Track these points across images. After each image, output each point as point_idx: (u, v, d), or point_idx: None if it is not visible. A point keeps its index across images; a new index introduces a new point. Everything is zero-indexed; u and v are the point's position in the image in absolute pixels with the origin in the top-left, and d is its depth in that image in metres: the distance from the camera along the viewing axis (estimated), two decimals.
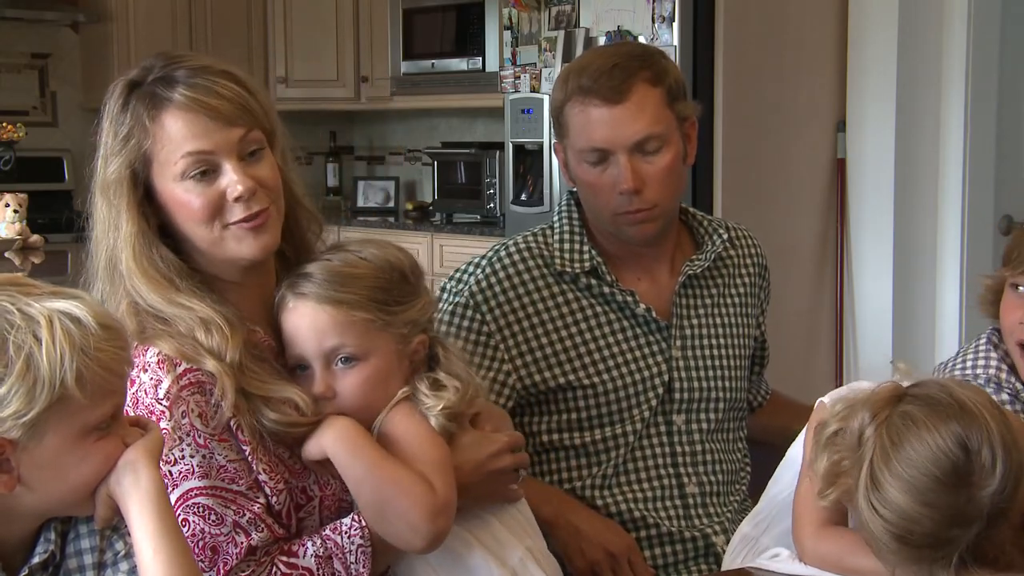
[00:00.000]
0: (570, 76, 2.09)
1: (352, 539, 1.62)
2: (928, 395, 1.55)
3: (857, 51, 4.25)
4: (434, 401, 1.66)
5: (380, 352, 1.67)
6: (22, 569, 1.42)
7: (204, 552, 1.57)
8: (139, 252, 1.64)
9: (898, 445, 1.52)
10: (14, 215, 4.61)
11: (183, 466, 1.57)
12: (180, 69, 1.64)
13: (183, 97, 1.62)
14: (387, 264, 1.69)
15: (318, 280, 1.66)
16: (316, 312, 1.65)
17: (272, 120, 1.70)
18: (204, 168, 1.63)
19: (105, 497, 1.41)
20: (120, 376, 1.39)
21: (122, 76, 1.68)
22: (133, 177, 1.65)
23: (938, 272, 4.25)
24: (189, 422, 1.58)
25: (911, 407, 1.54)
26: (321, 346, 1.66)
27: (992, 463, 1.48)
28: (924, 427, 1.51)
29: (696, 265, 2.18)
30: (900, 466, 1.50)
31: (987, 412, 1.52)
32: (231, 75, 1.66)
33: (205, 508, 1.57)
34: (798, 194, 4.31)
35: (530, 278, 2.14)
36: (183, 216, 1.65)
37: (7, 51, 6.33)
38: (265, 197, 1.66)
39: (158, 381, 1.58)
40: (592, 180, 2.09)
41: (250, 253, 1.66)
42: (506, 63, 4.69)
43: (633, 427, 2.12)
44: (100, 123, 1.68)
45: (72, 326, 1.34)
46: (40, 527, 1.45)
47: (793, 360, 4.09)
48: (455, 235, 5.50)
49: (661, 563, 2.10)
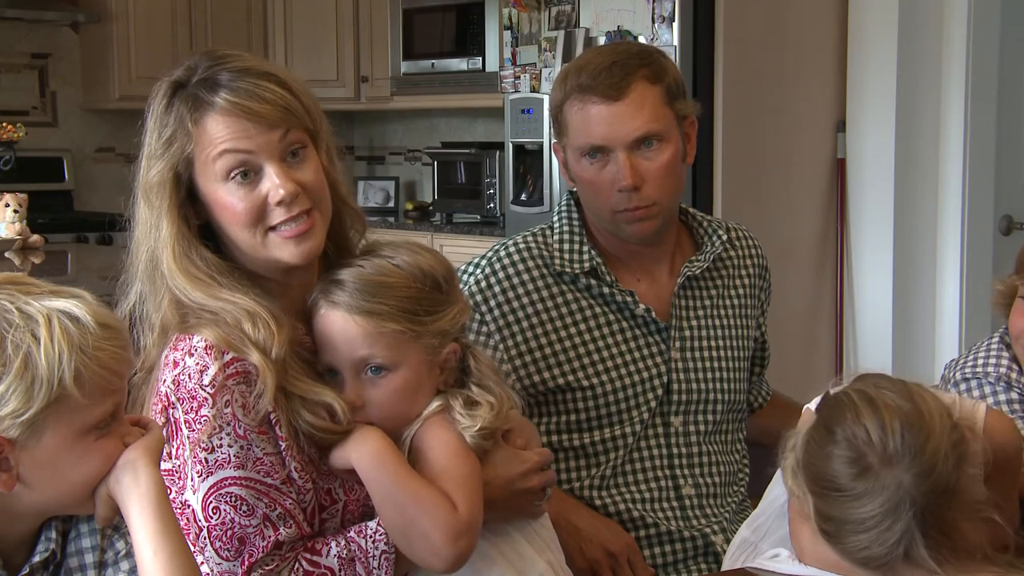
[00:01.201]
0: (569, 75, 2.10)
1: (376, 544, 1.61)
2: (818, 415, 1.54)
3: (857, 51, 4.25)
4: (469, 421, 1.66)
5: (410, 362, 1.66)
6: (23, 568, 1.42)
7: (231, 542, 1.57)
8: (179, 254, 1.64)
9: (815, 472, 1.51)
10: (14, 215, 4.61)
11: (220, 454, 1.57)
12: (223, 71, 1.64)
13: (225, 101, 1.61)
14: (420, 272, 1.68)
15: (350, 289, 1.65)
16: (346, 321, 1.64)
17: (316, 120, 1.69)
18: (245, 169, 1.62)
19: (105, 496, 1.40)
20: (119, 375, 1.39)
21: (167, 75, 1.69)
22: (176, 180, 1.65)
23: (938, 272, 4.25)
24: (232, 411, 1.58)
25: (807, 435, 1.54)
26: (351, 355, 1.65)
27: (868, 438, 1.44)
28: (818, 445, 1.50)
29: (695, 266, 2.18)
30: (825, 491, 1.49)
31: (858, 396, 1.49)
32: (274, 77, 1.66)
33: (237, 498, 1.58)
34: (798, 194, 4.31)
35: (529, 278, 2.13)
36: (226, 218, 1.65)
37: (7, 51, 6.33)
38: (307, 199, 1.65)
39: (204, 367, 1.58)
40: (591, 178, 2.09)
41: (292, 259, 1.66)
42: (506, 63, 4.69)
43: (632, 428, 2.12)
44: (144, 122, 1.68)
45: (71, 325, 1.34)
46: (41, 526, 1.45)
47: (793, 360, 4.09)
48: (455, 235, 5.50)
49: (660, 562, 2.10)
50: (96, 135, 6.64)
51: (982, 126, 4.18)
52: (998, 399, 1.93)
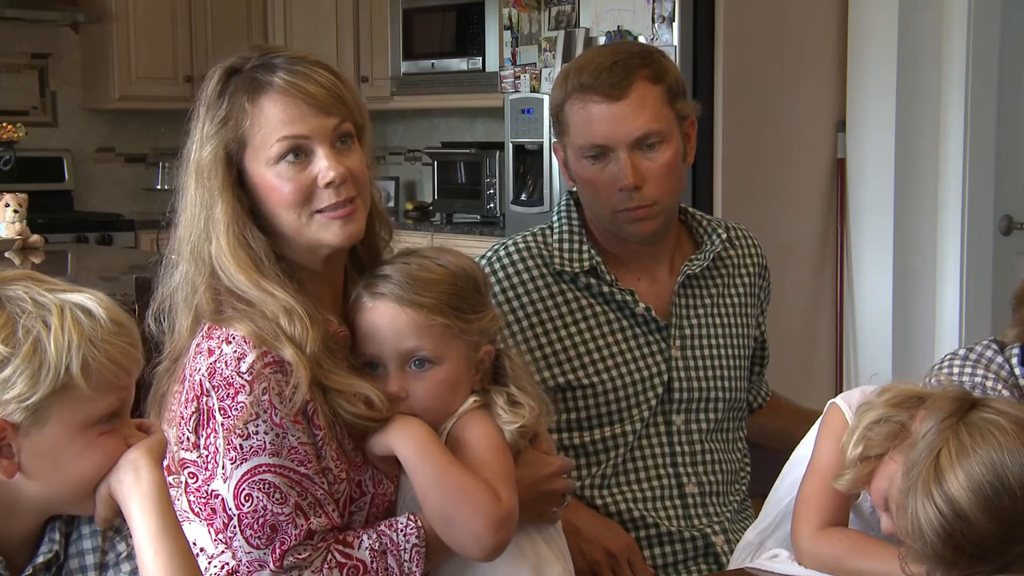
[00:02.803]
0: (570, 74, 2.10)
1: (408, 538, 1.63)
2: (1012, 412, 1.53)
3: (857, 51, 4.25)
4: (511, 417, 1.69)
5: (453, 358, 1.69)
6: (26, 568, 1.42)
7: (263, 529, 1.58)
8: (232, 232, 1.65)
9: (978, 445, 1.49)
10: (14, 215, 4.61)
11: (255, 441, 1.58)
12: (278, 57, 1.68)
13: (283, 81, 1.64)
14: (463, 272, 1.72)
15: (397, 281, 1.67)
16: (396, 313, 1.66)
17: (364, 116, 1.73)
18: (297, 152, 1.65)
19: (106, 496, 1.41)
20: (127, 372, 1.39)
21: (219, 64, 1.71)
22: (228, 159, 1.66)
23: (938, 272, 4.25)
24: (268, 399, 1.58)
25: (994, 416, 1.52)
26: (399, 347, 1.67)
27: None
28: (1010, 438, 1.49)
29: (695, 265, 2.18)
30: (975, 465, 1.47)
31: None
32: (327, 67, 1.70)
33: (271, 486, 1.58)
34: (798, 194, 4.31)
35: (529, 278, 2.14)
36: (273, 200, 1.66)
37: (7, 51, 6.33)
38: (353, 187, 1.67)
39: (242, 355, 1.59)
40: (592, 177, 2.09)
41: (335, 239, 1.67)
42: (506, 63, 4.69)
43: (632, 427, 2.12)
44: (196, 109, 1.70)
45: (83, 316, 1.35)
46: (44, 527, 1.45)
47: (793, 360, 4.09)
48: (455, 235, 5.50)
49: (660, 563, 2.10)
50: (96, 135, 6.64)
51: (982, 126, 4.18)
52: None
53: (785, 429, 2.26)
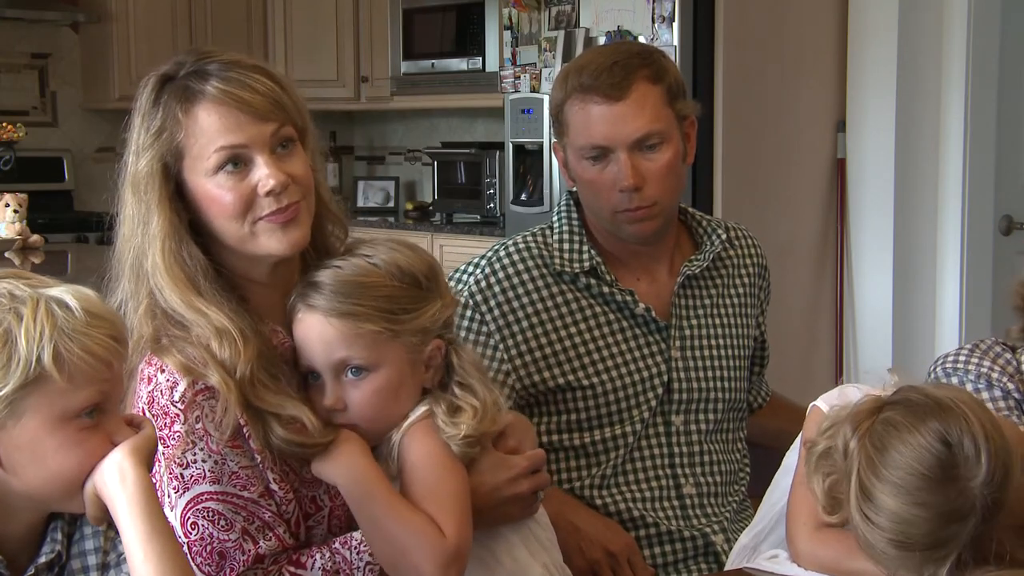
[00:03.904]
0: (570, 74, 2.10)
1: (361, 555, 1.59)
2: (906, 399, 1.56)
3: (857, 51, 4.25)
4: (453, 429, 1.62)
5: (390, 362, 1.64)
6: (28, 568, 1.42)
7: (211, 557, 1.56)
8: (168, 248, 1.61)
9: (882, 451, 1.52)
10: (14, 215, 4.61)
11: (195, 470, 1.56)
12: (212, 63, 1.63)
13: (216, 90, 1.60)
14: (398, 270, 1.65)
15: (327, 291, 1.63)
16: (323, 325, 1.62)
17: (304, 118, 1.68)
18: (236, 161, 1.61)
19: (93, 495, 1.40)
20: (106, 364, 1.38)
21: (153, 71, 1.66)
22: (165, 171, 1.63)
23: (938, 272, 4.25)
24: (203, 427, 1.57)
25: (890, 413, 1.55)
26: (329, 358, 1.63)
27: (976, 453, 1.48)
28: (904, 429, 1.51)
29: (695, 265, 2.18)
30: (887, 471, 1.50)
31: (965, 406, 1.52)
32: (263, 70, 1.65)
33: (215, 513, 1.56)
34: (798, 194, 4.31)
35: (529, 278, 2.14)
36: (214, 211, 1.63)
37: (7, 51, 6.33)
38: (297, 192, 1.63)
39: (174, 384, 1.57)
40: (592, 178, 2.09)
41: (279, 248, 1.63)
42: (506, 63, 4.69)
43: (632, 427, 2.12)
44: (131, 118, 1.67)
45: (57, 309, 1.35)
46: (46, 526, 1.44)
47: (793, 360, 4.09)
48: (455, 235, 5.50)
49: (660, 562, 2.10)
50: (96, 135, 6.64)
51: (982, 126, 4.18)
52: (981, 397, 1.92)
53: (785, 429, 2.25)
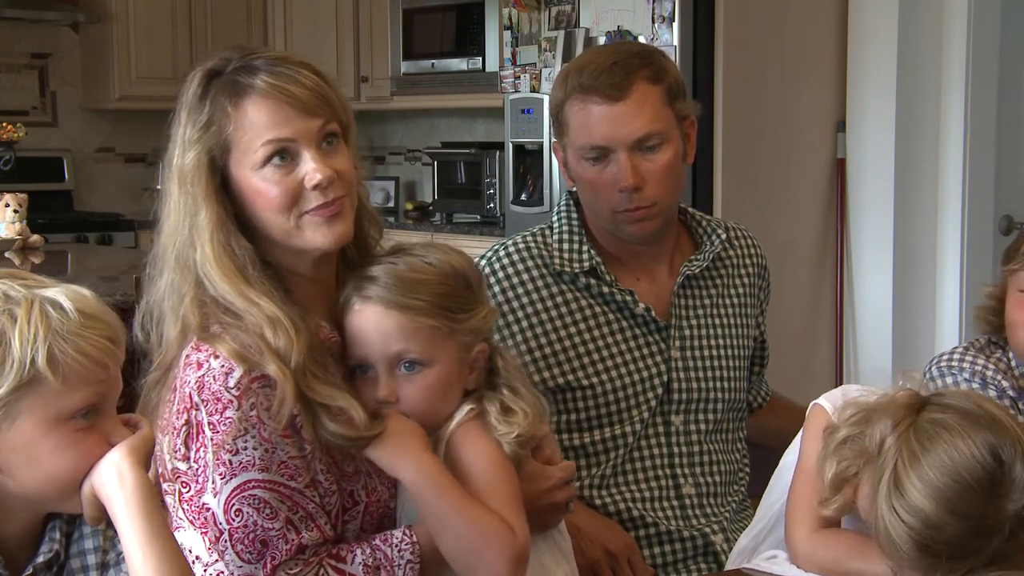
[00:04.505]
0: (570, 75, 2.10)
1: (403, 553, 1.60)
2: (958, 405, 1.53)
3: (857, 51, 4.25)
4: (506, 428, 1.64)
5: (444, 359, 1.66)
6: (26, 568, 1.42)
7: (253, 544, 1.57)
8: (217, 240, 1.62)
9: (928, 450, 1.49)
10: (14, 215, 4.61)
11: (245, 457, 1.56)
12: (259, 59, 1.65)
13: (266, 84, 1.61)
14: (452, 270, 1.68)
15: (384, 283, 1.64)
16: (383, 316, 1.64)
17: (348, 115, 1.70)
18: (283, 155, 1.62)
19: (90, 496, 1.40)
20: (102, 366, 1.38)
21: (199, 67, 1.68)
22: (211, 164, 1.63)
23: (938, 272, 4.25)
24: (256, 415, 1.57)
25: (940, 415, 1.52)
26: (387, 350, 1.64)
27: (1022, 476, 1.47)
28: (957, 434, 1.49)
29: (695, 265, 2.18)
30: (930, 471, 1.48)
31: (1018, 427, 1.50)
32: (310, 66, 1.67)
33: (261, 501, 1.57)
34: (798, 194, 4.31)
35: (529, 278, 2.14)
36: (260, 205, 1.64)
37: (7, 51, 6.33)
38: (341, 187, 1.65)
39: (229, 370, 1.57)
40: (592, 178, 2.09)
41: (325, 242, 1.65)
42: (506, 63, 4.69)
43: (632, 428, 2.12)
44: (176, 114, 1.67)
45: (51, 310, 1.35)
46: (44, 526, 1.44)
47: (793, 360, 4.09)
48: (455, 235, 5.50)
49: (660, 562, 2.10)
50: (96, 135, 6.64)
51: (982, 126, 4.18)
52: None
53: (785, 429, 2.25)
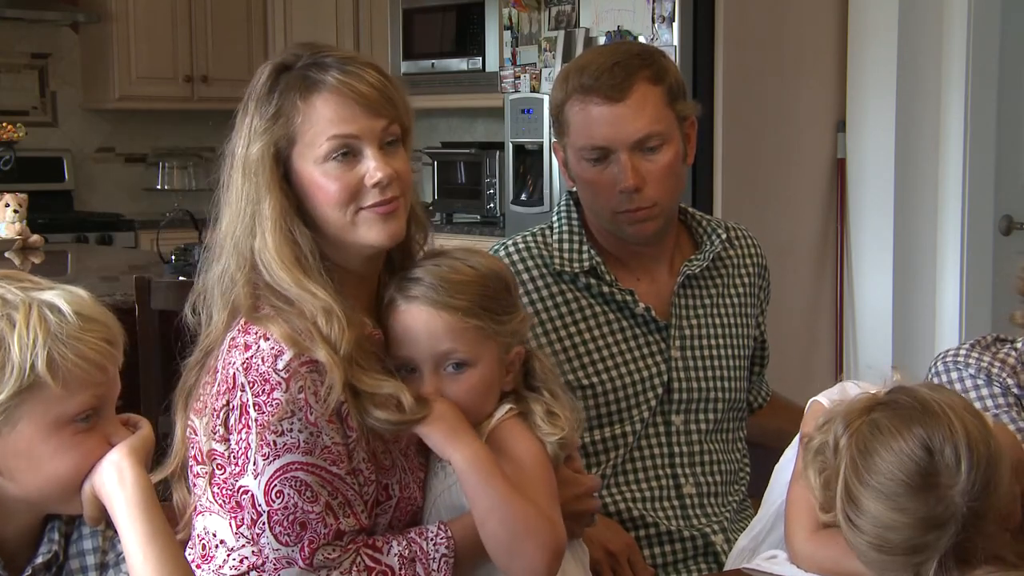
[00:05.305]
0: (570, 75, 2.10)
1: (438, 547, 1.62)
2: (894, 400, 1.55)
3: (857, 51, 4.25)
4: (551, 429, 1.67)
5: (487, 360, 1.68)
6: (25, 568, 1.42)
7: (292, 527, 1.58)
8: (280, 228, 1.65)
9: (865, 454, 1.51)
10: (14, 215, 4.62)
11: (289, 439, 1.57)
12: (329, 56, 1.69)
13: (336, 80, 1.65)
14: (492, 273, 1.71)
15: (429, 284, 1.67)
16: (431, 316, 1.66)
17: (410, 119, 1.75)
18: (346, 151, 1.66)
19: (91, 496, 1.40)
20: (100, 368, 1.38)
21: (269, 61, 1.71)
22: (276, 156, 1.67)
23: (938, 272, 4.25)
24: (304, 398, 1.58)
25: (878, 415, 1.54)
26: (434, 350, 1.66)
27: (956, 462, 1.47)
28: (888, 433, 1.51)
29: (695, 265, 2.18)
30: (869, 475, 1.50)
31: (952, 412, 1.50)
32: (378, 67, 1.71)
33: (302, 484, 1.58)
34: (798, 194, 4.31)
35: (529, 278, 2.14)
36: (319, 198, 1.67)
37: (7, 51, 6.33)
38: (398, 187, 1.68)
39: (280, 352, 1.59)
40: (592, 178, 2.09)
41: (378, 239, 1.68)
42: (506, 63, 4.69)
43: (632, 427, 2.12)
44: (244, 104, 1.70)
45: (50, 314, 1.35)
46: (43, 527, 1.44)
47: (793, 360, 4.09)
48: (455, 235, 5.49)
49: (660, 562, 2.10)
50: (96, 135, 6.65)
51: (982, 126, 4.18)
52: (980, 393, 1.92)
53: (785, 429, 2.25)
